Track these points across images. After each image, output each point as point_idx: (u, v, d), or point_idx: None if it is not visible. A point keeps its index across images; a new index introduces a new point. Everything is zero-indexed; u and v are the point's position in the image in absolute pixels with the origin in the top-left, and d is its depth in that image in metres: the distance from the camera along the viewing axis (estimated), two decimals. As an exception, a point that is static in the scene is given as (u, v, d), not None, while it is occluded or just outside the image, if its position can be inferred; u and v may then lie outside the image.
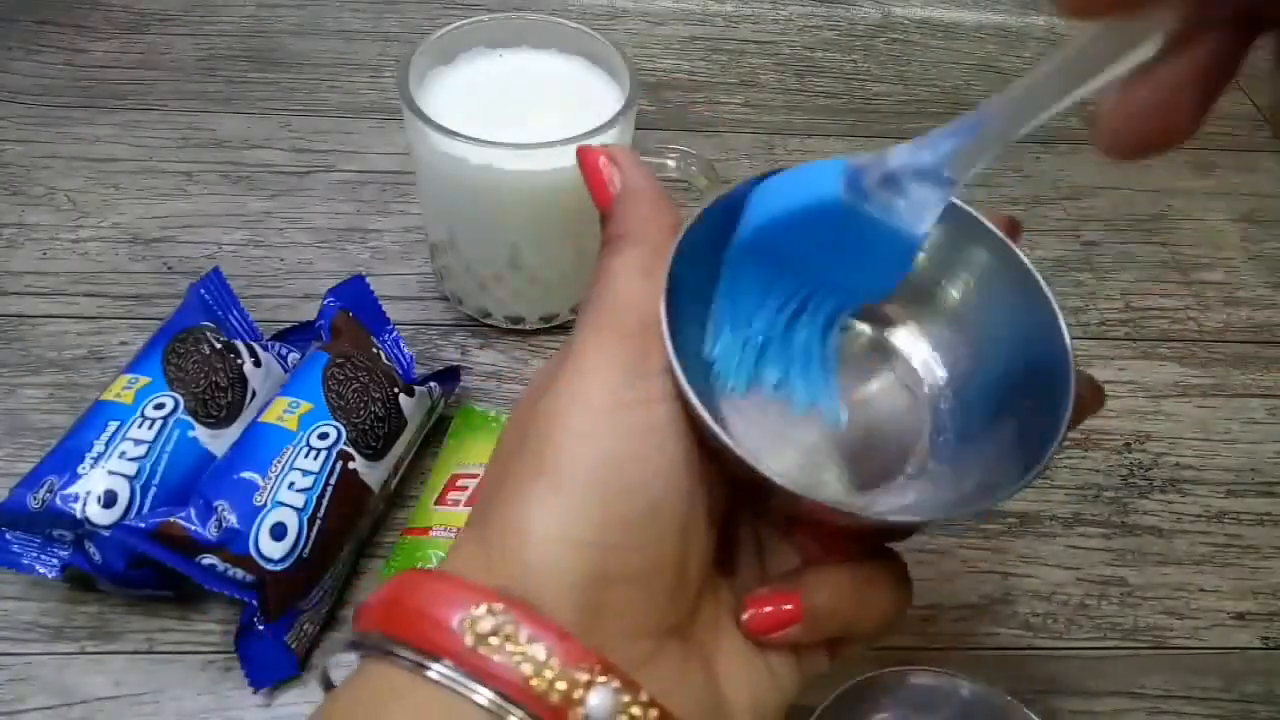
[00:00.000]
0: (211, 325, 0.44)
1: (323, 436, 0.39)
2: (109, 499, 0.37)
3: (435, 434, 0.45)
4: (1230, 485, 0.47)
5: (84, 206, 0.54)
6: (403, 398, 0.42)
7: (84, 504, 0.37)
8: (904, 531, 0.27)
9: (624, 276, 0.25)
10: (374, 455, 0.40)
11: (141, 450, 0.38)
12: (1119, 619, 0.42)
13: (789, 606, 0.25)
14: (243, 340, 0.43)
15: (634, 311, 0.25)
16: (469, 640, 0.20)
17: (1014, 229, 0.28)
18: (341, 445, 0.39)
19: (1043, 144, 0.65)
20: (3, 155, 0.56)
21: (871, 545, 0.27)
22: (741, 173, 0.60)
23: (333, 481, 0.38)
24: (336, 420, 0.39)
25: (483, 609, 0.21)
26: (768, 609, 0.25)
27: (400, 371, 0.44)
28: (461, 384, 0.46)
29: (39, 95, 0.60)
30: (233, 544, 0.36)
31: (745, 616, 0.25)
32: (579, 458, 0.23)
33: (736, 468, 0.23)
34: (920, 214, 0.23)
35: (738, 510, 0.27)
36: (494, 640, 0.20)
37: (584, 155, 0.28)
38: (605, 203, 0.27)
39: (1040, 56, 0.72)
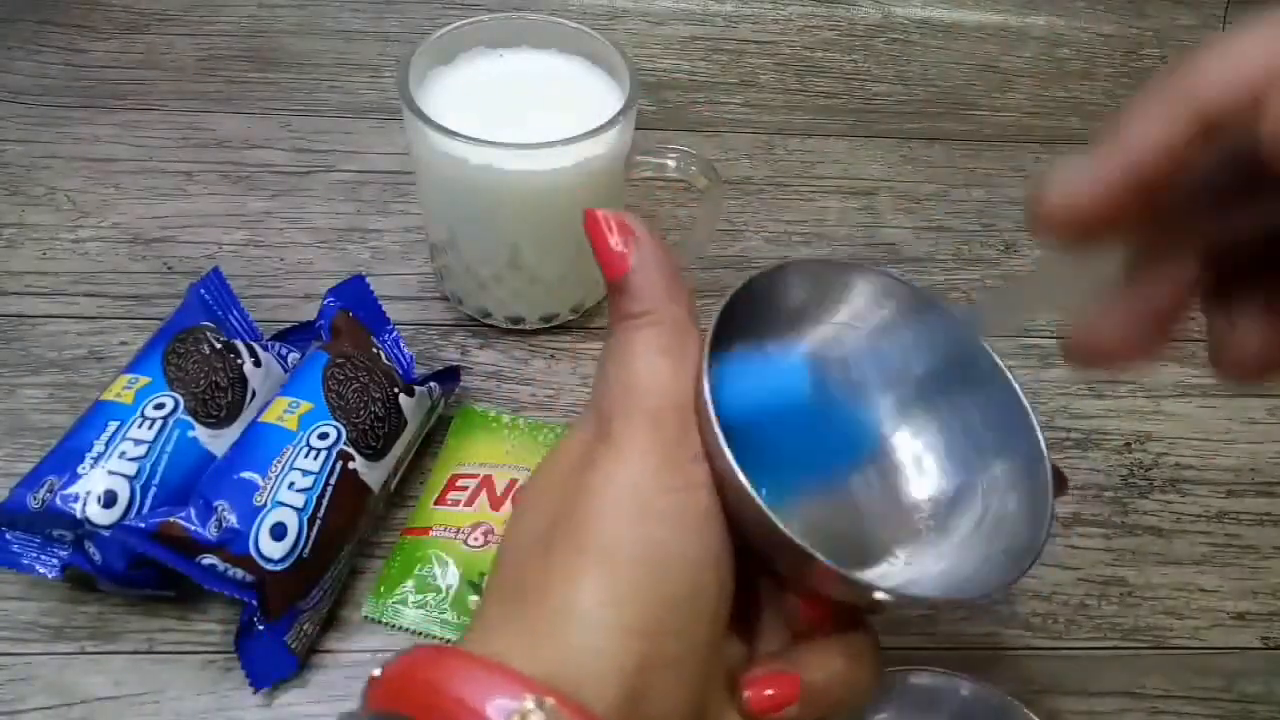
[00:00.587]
0: (211, 325, 0.44)
1: (323, 436, 0.39)
2: (109, 499, 0.37)
3: (435, 434, 0.45)
4: (1230, 485, 0.47)
5: (84, 206, 0.54)
6: (403, 398, 0.42)
7: (84, 504, 0.37)
8: (895, 608, 0.28)
9: (647, 357, 0.25)
10: (374, 455, 0.40)
11: (141, 450, 0.38)
12: (1119, 619, 0.42)
13: (788, 686, 0.25)
14: (243, 340, 0.43)
15: (664, 395, 0.24)
16: None
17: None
18: (341, 445, 0.39)
19: (1042, 144, 0.65)
20: (3, 155, 0.56)
21: (854, 617, 0.28)
22: (741, 173, 0.60)
23: (333, 481, 0.38)
24: (336, 420, 0.39)
25: (530, 703, 0.20)
26: (769, 690, 0.25)
27: (400, 371, 0.44)
28: (461, 384, 0.46)
29: (39, 95, 0.60)
30: (233, 544, 0.36)
31: (747, 696, 0.25)
32: (626, 544, 0.23)
33: (779, 550, 0.24)
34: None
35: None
36: None
37: (592, 222, 0.27)
38: (619, 275, 0.26)
39: (1040, 57, 0.73)
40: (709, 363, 0.25)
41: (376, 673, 0.22)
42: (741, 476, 0.23)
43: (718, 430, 0.24)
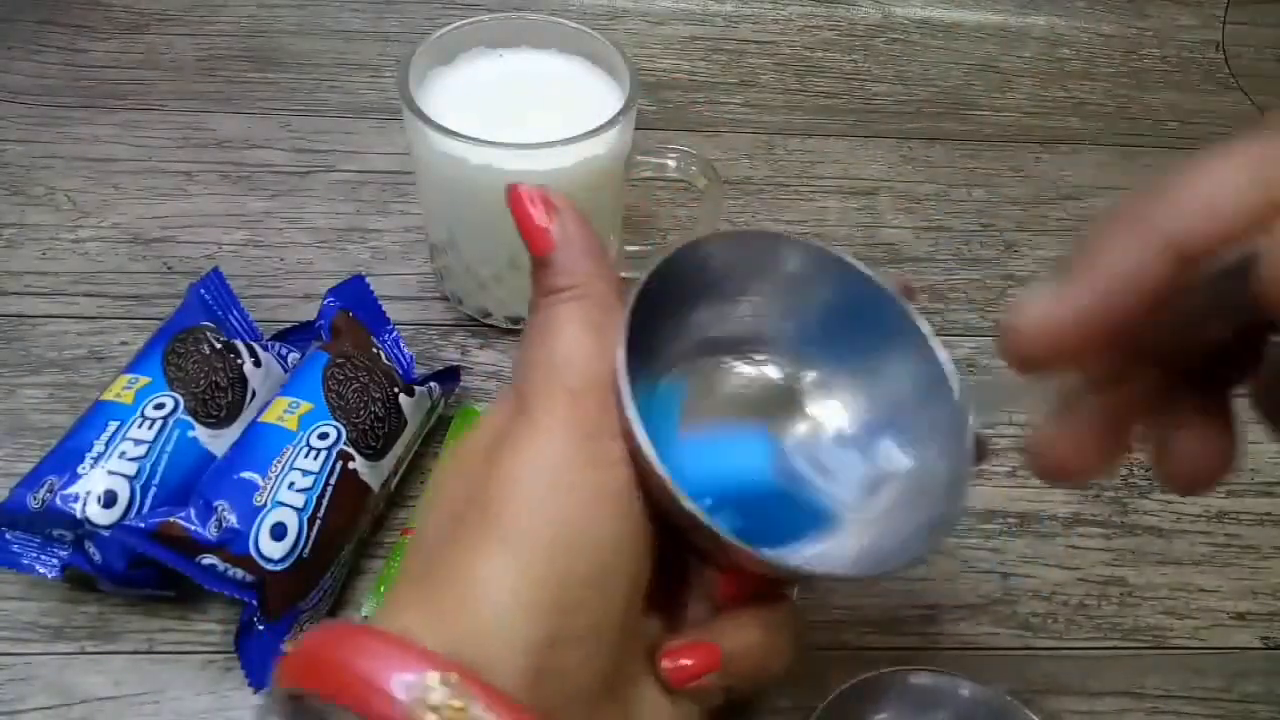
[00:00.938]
0: (211, 325, 0.44)
1: (323, 436, 0.39)
2: (109, 499, 0.37)
3: (435, 434, 0.45)
4: (1230, 485, 0.47)
5: (84, 206, 0.54)
6: (403, 398, 0.42)
7: (84, 504, 0.37)
8: (810, 581, 0.29)
9: (572, 331, 0.25)
10: (374, 455, 0.40)
11: (141, 450, 0.38)
12: (1119, 619, 0.42)
13: (707, 655, 0.26)
14: (243, 340, 0.43)
15: (586, 370, 0.24)
16: (419, 712, 0.19)
17: (910, 292, 0.29)
18: (341, 445, 0.39)
19: (1042, 144, 0.65)
20: (3, 155, 0.56)
21: (773, 590, 0.28)
22: (741, 173, 0.60)
23: (333, 481, 0.38)
24: (336, 420, 0.39)
25: (434, 677, 0.20)
26: (688, 660, 0.26)
27: (400, 371, 0.44)
28: (461, 384, 0.46)
29: (39, 95, 0.60)
30: (233, 544, 0.36)
31: (668, 667, 0.25)
32: (535, 520, 0.22)
33: (691, 530, 0.24)
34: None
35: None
36: (447, 712, 0.19)
37: (516, 196, 0.27)
38: (545, 249, 0.26)
39: (1040, 57, 0.73)
40: (626, 340, 0.25)
41: (286, 649, 0.23)
42: (652, 454, 0.23)
43: (631, 409, 0.23)
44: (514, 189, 0.27)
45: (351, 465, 0.39)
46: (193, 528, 0.36)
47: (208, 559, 0.36)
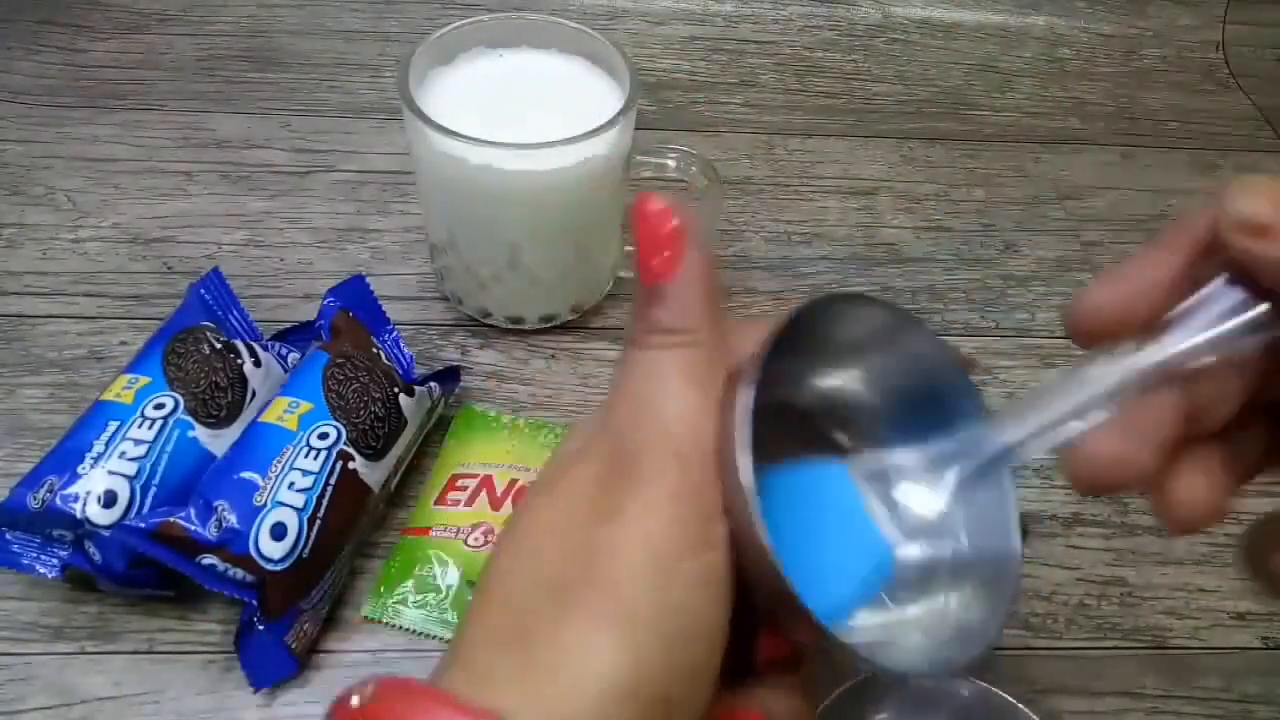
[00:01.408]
0: (211, 325, 0.44)
1: (323, 436, 0.39)
2: (109, 499, 0.37)
3: (435, 434, 0.45)
4: (1230, 485, 0.47)
5: (84, 206, 0.54)
6: (403, 398, 0.42)
7: (84, 504, 0.37)
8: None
9: (679, 385, 0.23)
10: (374, 455, 0.40)
11: (141, 450, 0.38)
12: (1119, 619, 0.42)
13: None
14: (243, 340, 0.43)
15: (694, 435, 0.23)
16: None
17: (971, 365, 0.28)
18: (341, 445, 0.39)
19: (1042, 144, 0.65)
20: (3, 155, 0.56)
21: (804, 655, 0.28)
22: (741, 173, 0.60)
23: (333, 481, 0.38)
24: (336, 420, 0.39)
25: None
26: None
27: (400, 371, 0.44)
28: (461, 384, 0.46)
29: (39, 95, 0.60)
30: (233, 544, 0.36)
31: None
32: (655, 613, 0.21)
33: (784, 611, 0.23)
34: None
35: None
36: None
37: (646, 215, 0.23)
38: (663, 278, 0.23)
39: (1040, 57, 0.73)
40: (752, 421, 0.22)
41: (355, 702, 0.21)
42: (765, 541, 0.22)
43: (753, 494, 0.22)
44: (644, 201, 0.23)
45: (351, 465, 0.39)
46: (193, 528, 0.36)
47: (208, 559, 0.36)
